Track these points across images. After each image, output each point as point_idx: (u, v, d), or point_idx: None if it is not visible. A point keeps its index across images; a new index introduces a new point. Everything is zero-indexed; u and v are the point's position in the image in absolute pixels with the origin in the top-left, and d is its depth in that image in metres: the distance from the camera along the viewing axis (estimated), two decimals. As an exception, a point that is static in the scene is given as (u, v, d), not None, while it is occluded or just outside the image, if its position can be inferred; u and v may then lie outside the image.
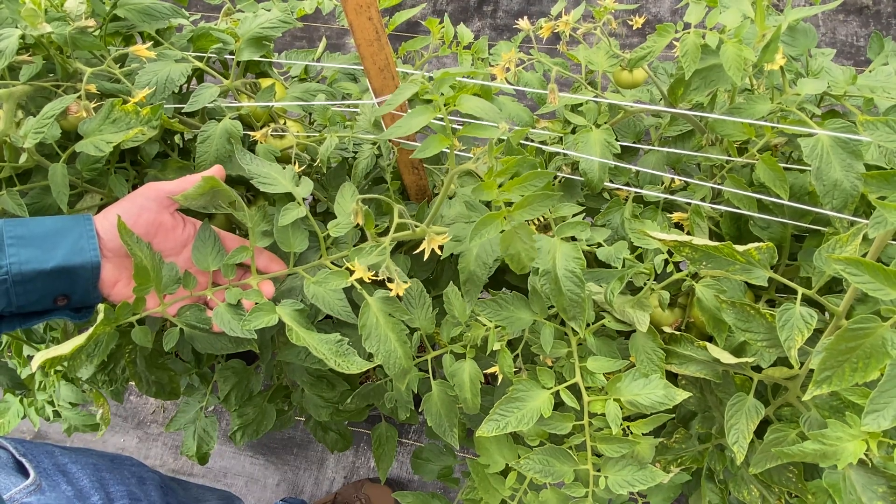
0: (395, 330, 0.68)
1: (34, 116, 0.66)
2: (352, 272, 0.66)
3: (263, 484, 1.57)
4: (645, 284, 0.70)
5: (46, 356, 0.56)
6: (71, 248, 0.62)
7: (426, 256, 0.64)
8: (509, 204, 0.56)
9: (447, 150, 0.58)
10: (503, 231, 0.56)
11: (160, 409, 1.71)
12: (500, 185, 0.54)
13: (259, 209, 0.73)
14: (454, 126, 0.59)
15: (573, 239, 0.65)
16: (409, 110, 0.62)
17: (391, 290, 0.64)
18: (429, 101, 0.60)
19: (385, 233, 0.67)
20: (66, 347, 0.57)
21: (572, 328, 0.70)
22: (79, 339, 0.57)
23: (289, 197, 0.72)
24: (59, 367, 1.00)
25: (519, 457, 0.73)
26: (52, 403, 1.11)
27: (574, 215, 0.72)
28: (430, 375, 0.78)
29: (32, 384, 1.08)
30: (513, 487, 0.76)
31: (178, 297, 0.70)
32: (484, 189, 0.53)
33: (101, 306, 0.60)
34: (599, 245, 0.73)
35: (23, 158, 0.66)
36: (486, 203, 0.68)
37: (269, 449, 1.60)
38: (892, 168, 0.63)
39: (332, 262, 0.74)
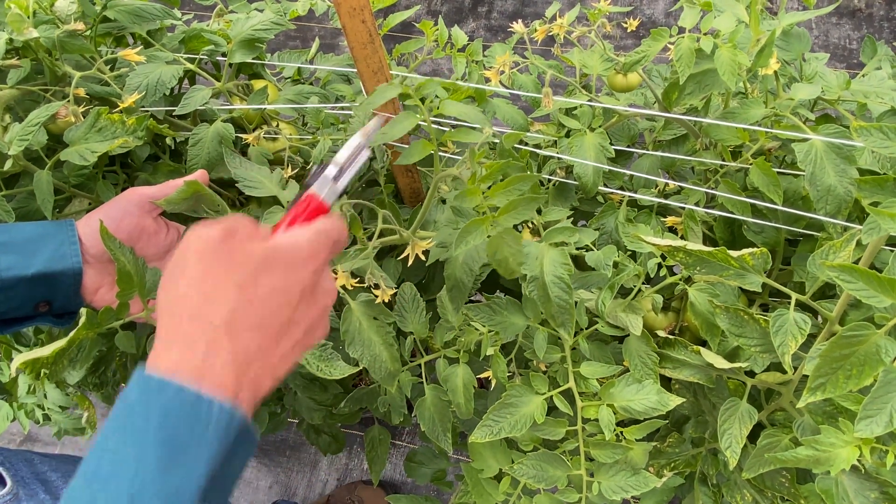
0: (379, 333, 0.68)
1: (23, 119, 0.65)
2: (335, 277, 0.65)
3: (256, 486, 1.56)
4: (634, 287, 0.70)
5: (26, 358, 0.55)
6: (52, 255, 0.61)
7: (410, 262, 0.64)
8: (495, 209, 0.55)
9: (443, 153, 0.58)
10: (490, 237, 0.55)
11: (152, 411, 1.70)
12: (485, 190, 0.54)
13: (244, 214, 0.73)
14: (445, 129, 0.59)
15: (564, 244, 0.65)
16: (402, 111, 0.61)
17: (377, 295, 0.63)
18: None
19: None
20: (47, 350, 0.56)
21: (566, 333, 0.70)
22: (60, 343, 0.57)
23: (276, 200, 0.72)
24: (45, 370, 0.99)
25: (513, 462, 0.73)
26: (41, 407, 1.10)
27: (568, 218, 0.71)
28: (423, 380, 0.77)
29: (15, 388, 1.06)
30: (506, 492, 0.76)
31: None
32: (468, 196, 0.52)
33: (83, 311, 0.59)
34: (588, 249, 0.72)
35: (8, 164, 0.65)
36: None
37: (261, 451, 1.59)
38: (885, 173, 0.63)
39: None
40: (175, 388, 0.37)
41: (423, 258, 0.66)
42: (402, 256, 0.66)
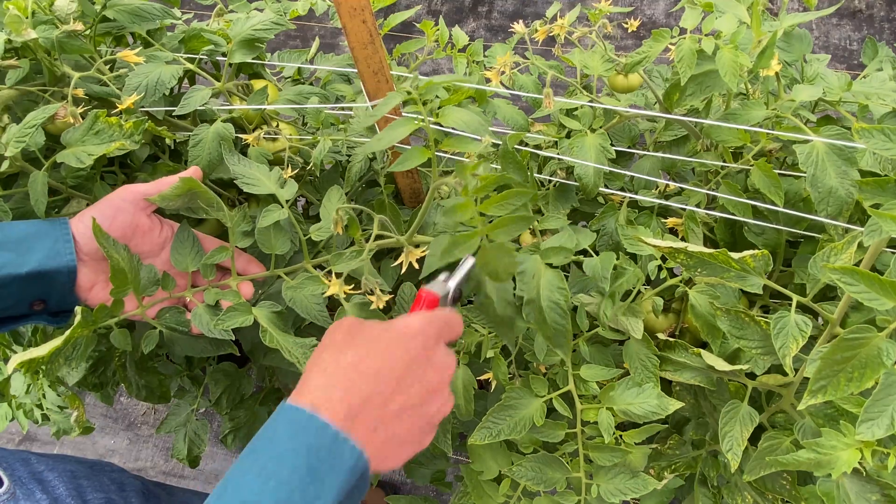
0: None
1: (21, 119, 0.65)
2: (331, 280, 0.65)
3: (255, 486, 1.56)
4: (633, 289, 0.70)
5: (23, 358, 0.55)
6: (47, 253, 0.61)
7: (403, 269, 0.64)
8: (489, 220, 0.54)
9: (444, 154, 0.57)
10: (480, 249, 0.54)
11: (151, 411, 1.70)
12: (478, 201, 0.53)
13: (239, 210, 0.72)
14: (445, 132, 0.58)
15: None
16: (403, 114, 0.61)
17: (372, 301, 0.63)
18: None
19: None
20: (43, 350, 0.56)
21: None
22: (56, 342, 0.57)
23: (275, 199, 0.71)
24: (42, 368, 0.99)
25: (512, 463, 0.72)
26: (40, 406, 1.10)
27: (567, 222, 0.71)
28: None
29: (7, 388, 1.06)
30: (506, 494, 0.75)
31: (156, 299, 0.69)
32: (458, 210, 0.52)
33: (78, 309, 0.59)
34: (585, 253, 0.72)
35: (5, 165, 0.65)
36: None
37: (261, 451, 1.59)
38: (886, 175, 0.63)
39: (319, 266, 0.73)
40: (320, 424, 0.46)
41: (416, 266, 0.65)
42: (397, 262, 0.66)
